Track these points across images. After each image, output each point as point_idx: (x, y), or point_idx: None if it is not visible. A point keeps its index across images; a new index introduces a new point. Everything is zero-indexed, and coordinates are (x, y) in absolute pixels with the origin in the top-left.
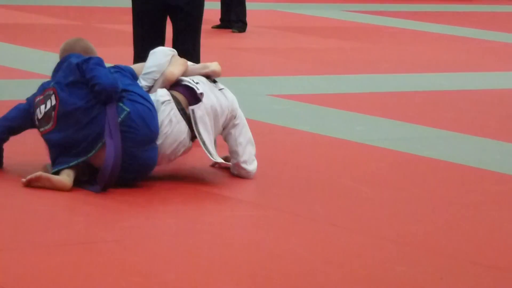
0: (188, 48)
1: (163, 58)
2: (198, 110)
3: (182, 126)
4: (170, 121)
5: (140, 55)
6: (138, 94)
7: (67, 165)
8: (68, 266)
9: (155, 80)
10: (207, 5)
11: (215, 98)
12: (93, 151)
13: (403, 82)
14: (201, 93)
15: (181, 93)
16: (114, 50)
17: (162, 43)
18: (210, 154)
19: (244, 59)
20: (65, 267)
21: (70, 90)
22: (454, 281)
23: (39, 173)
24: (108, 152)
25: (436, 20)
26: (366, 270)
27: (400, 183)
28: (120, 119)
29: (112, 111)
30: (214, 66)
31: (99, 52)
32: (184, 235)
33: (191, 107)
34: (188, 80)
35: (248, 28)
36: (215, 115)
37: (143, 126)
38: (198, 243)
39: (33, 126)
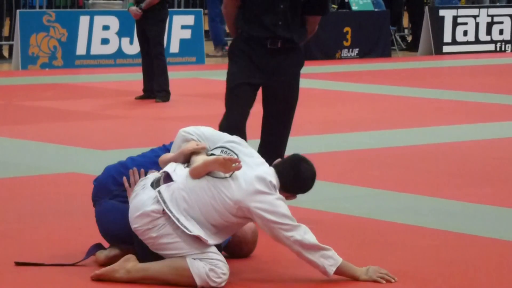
0: (276, 141)
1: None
2: (165, 192)
3: (147, 194)
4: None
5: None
6: (122, 196)
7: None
8: None
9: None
10: (129, 77)
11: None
12: None
13: (327, 143)
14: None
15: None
16: (37, 127)
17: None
18: (186, 228)
19: (169, 129)
20: None
21: None
22: None
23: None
24: None
25: (357, 80)
26: None
27: (325, 243)
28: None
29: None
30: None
31: (23, 129)
32: None
33: (157, 189)
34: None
35: (172, 97)
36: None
37: (102, 227)
38: None
39: None
